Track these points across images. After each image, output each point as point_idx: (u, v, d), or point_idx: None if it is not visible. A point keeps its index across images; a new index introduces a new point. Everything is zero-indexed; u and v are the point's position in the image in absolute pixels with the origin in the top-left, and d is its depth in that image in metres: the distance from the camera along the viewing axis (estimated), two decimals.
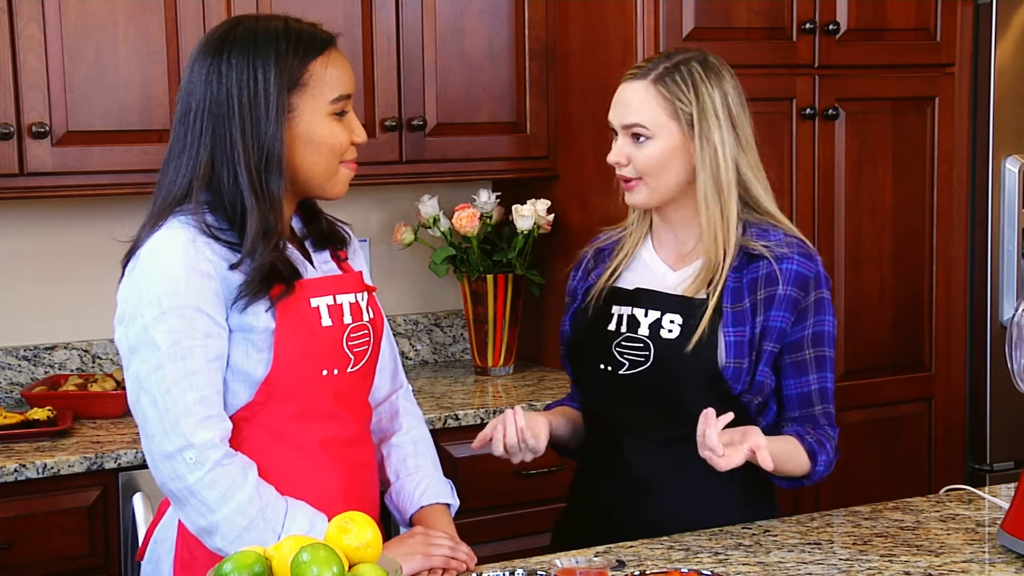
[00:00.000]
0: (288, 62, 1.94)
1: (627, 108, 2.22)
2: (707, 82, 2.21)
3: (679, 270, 2.28)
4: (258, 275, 1.93)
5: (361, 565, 1.65)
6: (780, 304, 2.20)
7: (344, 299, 2.04)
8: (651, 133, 2.20)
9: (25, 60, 2.93)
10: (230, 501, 1.89)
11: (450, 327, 3.78)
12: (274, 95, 1.92)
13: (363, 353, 2.06)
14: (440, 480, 2.20)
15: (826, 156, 3.45)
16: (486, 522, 3.11)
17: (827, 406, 2.26)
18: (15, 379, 3.28)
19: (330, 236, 2.13)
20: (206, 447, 1.88)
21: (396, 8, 3.31)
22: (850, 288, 3.51)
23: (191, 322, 1.90)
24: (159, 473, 1.92)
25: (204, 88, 1.95)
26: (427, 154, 3.37)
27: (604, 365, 2.26)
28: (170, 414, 1.89)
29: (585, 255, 2.41)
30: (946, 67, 3.59)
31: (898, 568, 2.01)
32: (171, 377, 1.89)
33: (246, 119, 1.92)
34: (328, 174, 2.01)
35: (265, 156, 1.93)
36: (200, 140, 1.95)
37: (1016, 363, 2.08)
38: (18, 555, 2.70)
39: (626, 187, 2.26)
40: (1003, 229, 3.65)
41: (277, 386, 1.96)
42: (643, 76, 2.22)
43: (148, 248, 1.93)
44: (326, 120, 1.97)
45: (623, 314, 2.27)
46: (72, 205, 3.30)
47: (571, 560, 1.94)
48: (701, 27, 3.24)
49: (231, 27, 1.99)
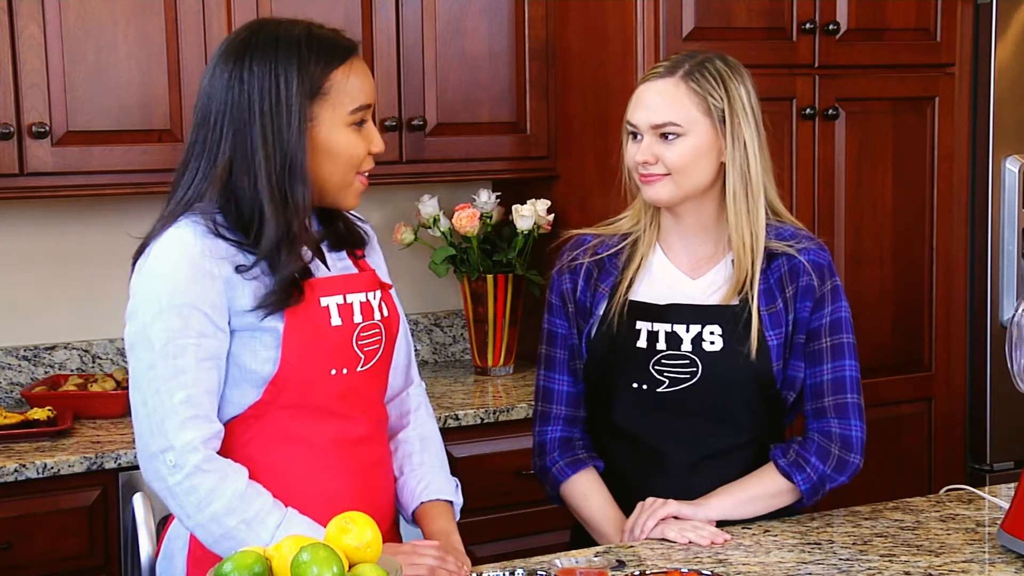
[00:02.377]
0: (310, 70, 1.93)
1: (657, 107, 2.18)
2: (733, 79, 2.19)
3: (699, 278, 2.25)
4: (283, 286, 1.93)
5: (361, 565, 1.65)
6: (803, 295, 2.22)
7: (355, 298, 2.03)
8: (683, 130, 2.17)
9: (25, 60, 2.93)
10: (205, 509, 1.89)
11: (450, 327, 3.78)
12: (296, 104, 1.92)
13: (374, 352, 2.05)
14: (445, 478, 2.19)
15: (826, 156, 3.44)
16: (486, 522, 3.11)
17: (842, 396, 2.23)
18: (15, 379, 3.28)
19: (347, 238, 2.11)
20: (186, 450, 1.88)
21: (396, 8, 3.31)
22: (850, 288, 3.49)
23: (187, 320, 1.89)
24: (144, 472, 1.94)
25: (225, 93, 1.94)
26: (427, 154, 3.38)
27: (639, 384, 2.22)
28: (157, 414, 1.89)
29: (580, 262, 2.30)
30: (946, 67, 3.58)
31: (898, 568, 2.01)
32: (161, 376, 1.89)
33: (267, 127, 1.92)
34: (343, 184, 2.00)
35: (288, 165, 1.93)
36: (220, 145, 1.94)
37: (1016, 363, 2.08)
38: (18, 555, 2.70)
39: (649, 181, 2.20)
40: (1003, 229, 3.65)
41: (285, 385, 1.95)
42: (669, 74, 2.19)
43: (156, 246, 1.94)
44: (345, 130, 1.97)
45: (658, 331, 2.21)
46: (72, 205, 3.30)
47: (571, 560, 1.94)
48: (701, 27, 3.23)
49: (254, 31, 1.97)
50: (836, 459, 2.23)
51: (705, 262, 2.26)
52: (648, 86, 2.20)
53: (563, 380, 2.32)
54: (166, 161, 3.05)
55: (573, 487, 2.28)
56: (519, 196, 3.55)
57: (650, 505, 2.18)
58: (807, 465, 2.22)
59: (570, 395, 2.32)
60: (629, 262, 2.27)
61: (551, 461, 2.30)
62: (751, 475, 2.24)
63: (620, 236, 2.31)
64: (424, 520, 2.14)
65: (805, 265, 2.23)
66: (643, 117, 2.19)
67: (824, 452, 2.22)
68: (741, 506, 2.21)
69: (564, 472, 2.28)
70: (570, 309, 2.30)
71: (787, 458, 2.22)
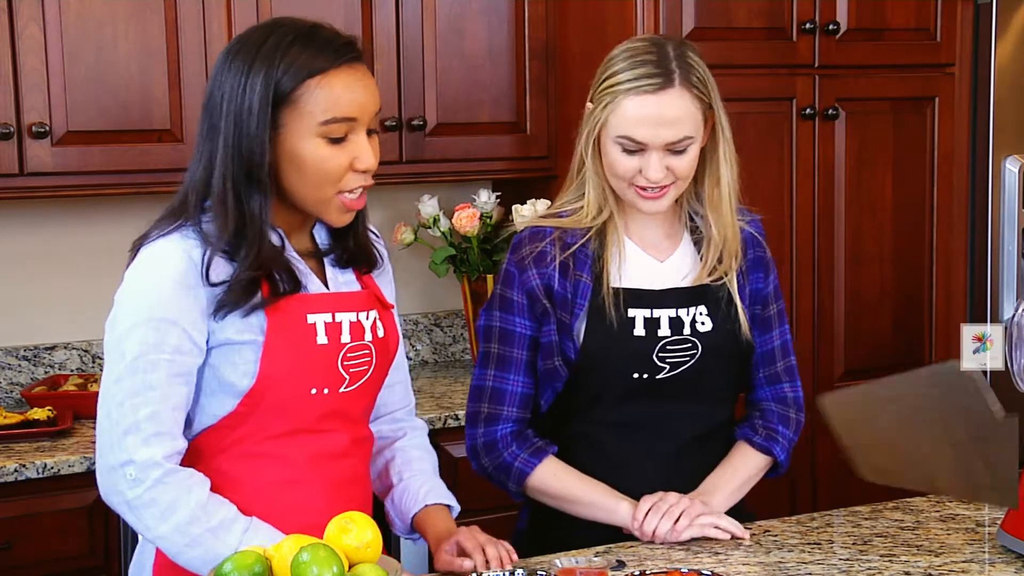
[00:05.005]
0: (279, 76, 1.86)
1: (671, 124, 2.09)
2: (703, 66, 2.15)
3: (666, 260, 2.23)
4: (235, 287, 1.87)
5: (361, 565, 1.65)
6: (754, 267, 2.27)
7: (344, 317, 1.98)
8: (694, 140, 2.13)
9: (25, 60, 2.93)
10: (168, 520, 1.85)
11: (450, 327, 3.78)
12: (257, 107, 1.86)
13: (361, 373, 2.00)
14: (443, 485, 2.17)
15: (826, 156, 3.44)
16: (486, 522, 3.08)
17: (788, 360, 2.33)
18: (15, 379, 3.28)
19: (356, 256, 2.05)
20: (147, 465, 1.85)
21: (396, 8, 3.31)
22: (850, 288, 3.51)
23: (164, 335, 1.86)
24: (102, 486, 1.89)
25: (210, 89, 1.92)
26: (427, 154, 3.38)
27: (639, 373, 2.18)
28: (119, 427, 1.86)
29: (549, 254, 2.18)
30: (946, 67, 3.59)
31: (898, 568, 2.01)
32: (127, 390, 1.86)
33: (230, 128, 1.88)
34: (318, 200, 1.92)
35: (245, 168, 1.88)
36: (202, 142, 1.92)
37: (1016, 363, 2.08)
38: (18, 555, 2.70)
39: (655, 196, 2.14)
40: (1003, 229, 3.65)
41: (262, 400, 1.91)
42: (669, 83, 2.10)
43: (144, 257, 1.90)
44: (313, 141, 1.88)
45: (658, 316, 2.18)
46: (72, 205, 3.30)
47: (571, 560, 1.94)
48: (701, 27, 3.23)
49: (254, 29, 1.94)
50: (795, 422, 2.32)
51: (668, 243, 2.24)
52: (648, 100, 2.10)
53: (518, 381, 2.22)
54: (166, 161, 3.05)
55: (543, 473, 2.21)
56: (519, 196, 3.55)
57: (669, 503, 2.14)
58: (778, 435, 2.29)
59: (524, 396, 2.23)
60: (602, 250, 2.20)
61: (511, 456, 2.22)
62: (729, 461, 2.26)
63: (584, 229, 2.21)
64: (429, 521, 2.11)
65: (754, 236, 2.28)
66: (655, 135, 2.09)
67: (785, 418, 2.30)
68: (735, 494, 2.24)
69: (529, 463, 2.21)
70: (542, 306, 2.18)
71: (759, 435, 2.28)
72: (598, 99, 2.16)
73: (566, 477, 2.21)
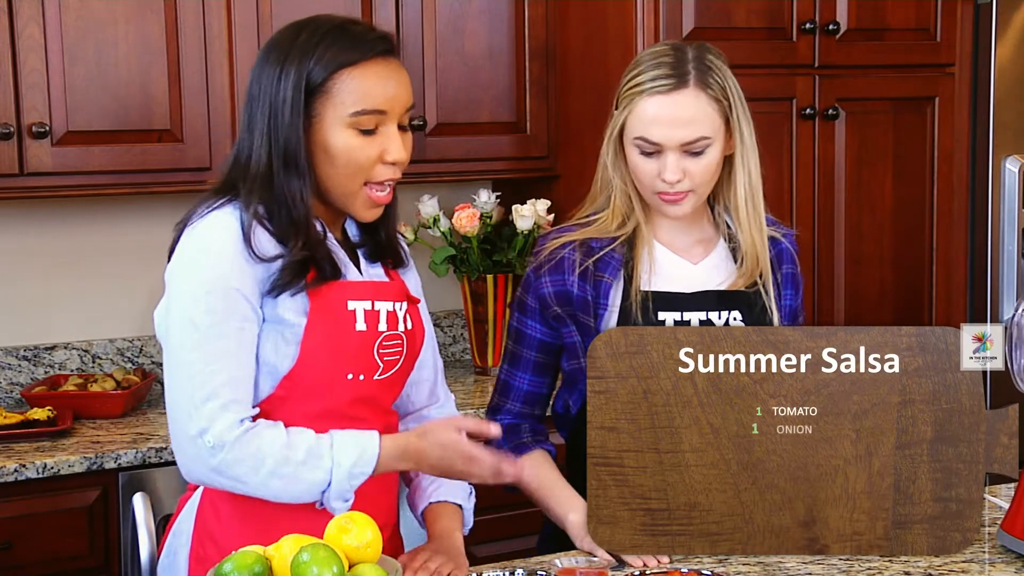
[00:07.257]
0: (313, 66, 1.93)
1: (686, 124, 2.09)
2: (725, 70, 2.15)
3: (699, 262, 2.22)
4: (289, 268, 1.92)
5: (361, 565, 1.65)
6: (787, 282, 2.27)
7: (383, 306, 2.03)
8: (711, 141, 2.12)
9: (25, 60, 2.93)
10: (260, 471, 1.89)
11: (450, 327, 3.78)
12: (291, 97, 1.93)
13: (394, 362, 2.05)
14: (457, 484, 2.18)
15: (826, 156, 3.45)
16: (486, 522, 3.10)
17: None
18: (15, 379, 3.28)
19: (386, 249, 2.11)
20: (224, 430, 1.88)
21: (396, 8, 3.31)
22: (850, 288, 3.51)
23: (233, 304, 1.90)
24: (183, 455, 1.92)
25: (252, 80, 1.98)
26: (427, 154, 3.38)
27: None
28: (199, 394, 1.89)
29: (571, 259, 2.18)
30: (946, 67, 3.59)
31: (898, 568, 2.01)
32: (204, 358, 1.89)
33: (267, 118, 1.94)
34: (347, 191, 1.98)
35: (283, 155, 1.94)
36: (244, 132, 1.98)
37: (1016, 363, 2.08)
38: (18, 555, 2.70)
39: (673, 200, 2.13)
40: (1003, 229, 3.65)
41: (300, 382, 1.95)
42: (683, 84, 2.10)
43: (201, 229, 1.94)
44: (345, 131, 1.95)
45: (689, 320, 2.16)
46: (72, 205, 3.30)
47: (571, 560, 1.94)
48: (701, 27, 3.23)
49: (290, 26, 2.00)
50: None
51: (701, 246, 2.23)
52: (663, 100, 2.10)
53: (524, 378, 2.27)
54: (166, 161, 3.05)
55: None
56: (519, 196, 3.55)
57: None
58: None
59: (528, 393, 2.28)
60: (631, 253, 2.19)
61: (497, 447, 2.14)
62: None
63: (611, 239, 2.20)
64: (429, 519, 2.15)
65: (789, 251, 2.28)
66: (669, 135, 2.09)
67: None
68: None
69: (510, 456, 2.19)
70: (553, 312, 2.19)
71: None
72: (620, 103, 2.18)
73: (537, 478, 2.21)
